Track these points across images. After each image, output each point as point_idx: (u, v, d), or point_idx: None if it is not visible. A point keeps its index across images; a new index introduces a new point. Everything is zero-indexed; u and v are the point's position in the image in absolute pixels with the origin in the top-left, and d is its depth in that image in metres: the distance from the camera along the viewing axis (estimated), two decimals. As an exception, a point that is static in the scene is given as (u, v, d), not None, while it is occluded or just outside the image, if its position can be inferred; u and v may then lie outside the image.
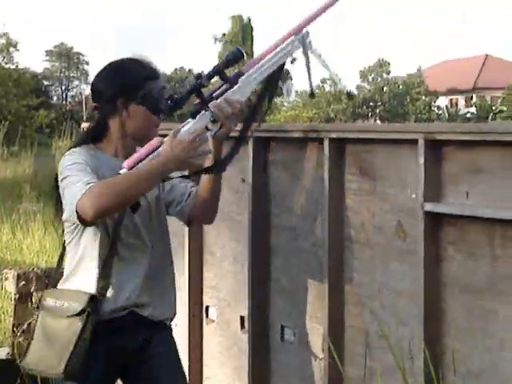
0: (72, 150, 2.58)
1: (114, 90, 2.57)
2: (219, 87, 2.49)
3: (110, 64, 2.67)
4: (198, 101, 2.48)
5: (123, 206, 2.43)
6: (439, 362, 2.51)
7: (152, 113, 2.59)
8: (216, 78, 2.52)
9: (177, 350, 2.73)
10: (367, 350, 2.78)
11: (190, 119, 2.48)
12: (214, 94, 2.48)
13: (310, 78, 2.57)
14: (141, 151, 2.47)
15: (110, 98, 2.58)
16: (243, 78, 2.49)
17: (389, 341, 2.61)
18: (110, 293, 2.55)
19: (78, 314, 2.49)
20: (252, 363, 3.20)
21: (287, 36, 2.50)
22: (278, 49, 2.51)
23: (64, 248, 2.68)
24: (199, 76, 2.46)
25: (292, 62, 2.52)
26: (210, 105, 2.45)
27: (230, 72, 2.51)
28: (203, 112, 2.46)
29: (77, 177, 2.44)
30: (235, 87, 2.48)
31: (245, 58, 2.50)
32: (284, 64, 2.52)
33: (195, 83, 2.45)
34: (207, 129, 2.46)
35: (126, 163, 2.44)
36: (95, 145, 2.62)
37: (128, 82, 2.57)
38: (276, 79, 2.55)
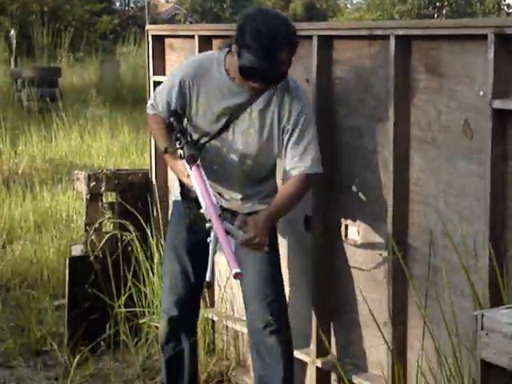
0: (203, 56, 3.14)
1: (240, 27, 2.81)
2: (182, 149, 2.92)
3: (259, 16, 2.82)
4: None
5: None
6: (503, 258, 2.52)
7: (239, 71, 2.82)
8: None
9: None
10: (431, 249, 2.80)
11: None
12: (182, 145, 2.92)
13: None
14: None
15: (236, 31, 2.84)
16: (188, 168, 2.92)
17: (453, 239, 2.62)
18: None
19: None
20: (317, 262, 3.26)
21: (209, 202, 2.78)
22: (203, 197, 2.81)
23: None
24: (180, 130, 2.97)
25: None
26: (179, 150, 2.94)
27: None
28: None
29: (159, 94, 3.09)
30: (187, 171, 2.92)
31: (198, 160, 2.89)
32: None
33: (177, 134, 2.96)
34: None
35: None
36: (232, 53, 2.88)
37: (244, 34, 2.77)
38: None
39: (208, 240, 2.70)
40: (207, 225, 2.74)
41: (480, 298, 2.51)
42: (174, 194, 3.26)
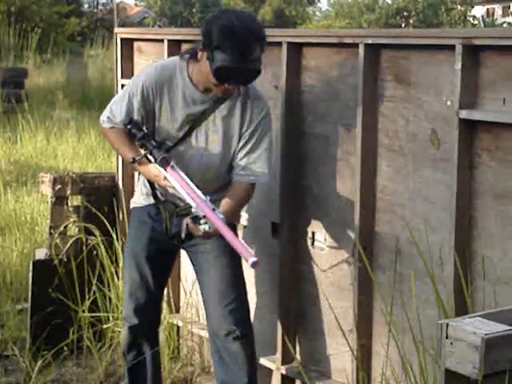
0: (165, 63, 3.07)
1: (205, 31, 2.77)
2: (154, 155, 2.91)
3: (224, 15, 2.79)
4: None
5: None
6: (469, 268, 2.54)
7: (212, 74, 2.75)
8: None
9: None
10: (397, 256, 2.81)
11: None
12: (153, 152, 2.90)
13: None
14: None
15: (202, 35, 2.80)
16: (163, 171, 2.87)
17: (419, 247, 2.64)
18: None
19: None
20: (283, 268, 3.25)
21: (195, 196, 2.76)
22: (187, 193, 2.78)
23: None
24: (145, 136, 2.93)
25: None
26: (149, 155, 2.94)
27: None
28: None
29: (116, 105, 2.98)
30: (160, 172, 2.87)
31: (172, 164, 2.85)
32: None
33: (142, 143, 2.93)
34: None
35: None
36: (192, 62, 2.89)
37: (213, 36, 2.72)
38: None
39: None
40: (202, 221, 2.71)
41: (445, 306, 2.52)
42: (133, 200, 3.22)
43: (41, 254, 4.00)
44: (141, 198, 3.13)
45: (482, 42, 2.41)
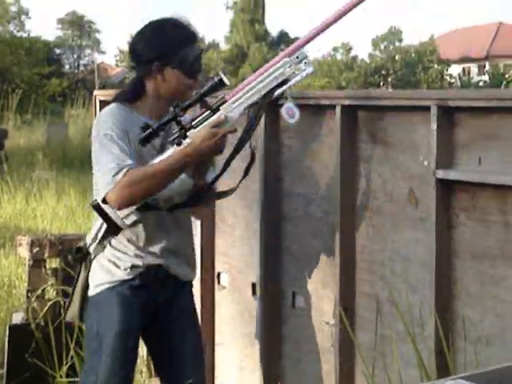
0: (109, 107, 2.66)
1: (150, 54, 2.63)
2: (200, 114, 2.53)
3: (150, 25, 2.68)
4: (177, 129, 2.53)
5: (146, 198, 2.56)
6: (450, 328, 2.53)
7: (187, 76, 2.63)
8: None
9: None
10: (378, 317, 2.79)
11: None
12: (193, 122, 2.52)
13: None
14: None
15: (147, 61, 2.63)
16: (225, 105, 2.52)
17: (399, 307, 2.62)
18: None
19: None
20: (263, 329, 3.22)
21: (279, 59, 2.50)
22: (271, 69, 2.50)
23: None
24: (177, 105, 2.52)
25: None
26: (189, 134, 2.52)
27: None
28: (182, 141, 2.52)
29: (110, 155, 2.51)
30: (215, 116, 2.51)
31: (227, 84, 2.50)
32: (276, 87, 2.53)
33: (173, 112, 2.51)
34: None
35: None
36: (131, 104, 2.67)
37: (165, 47, 2.62)
38: (264, 103, 2.58)
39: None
40: (305, 61, 2.49)
41: (427, 367, 2.50)
42: (101, 281, 2.72)
43: (18, 317, 3.95)
44: (121, 273, 2.68)
45: (457, 103, 2.44)
